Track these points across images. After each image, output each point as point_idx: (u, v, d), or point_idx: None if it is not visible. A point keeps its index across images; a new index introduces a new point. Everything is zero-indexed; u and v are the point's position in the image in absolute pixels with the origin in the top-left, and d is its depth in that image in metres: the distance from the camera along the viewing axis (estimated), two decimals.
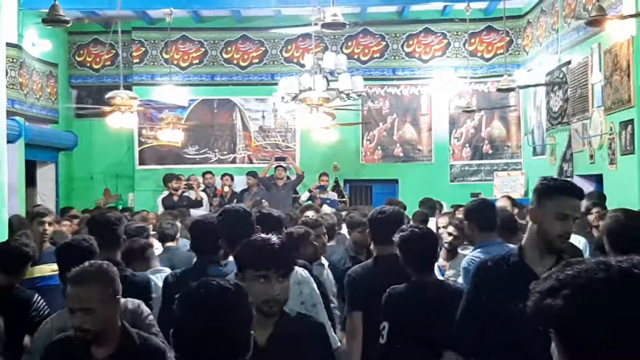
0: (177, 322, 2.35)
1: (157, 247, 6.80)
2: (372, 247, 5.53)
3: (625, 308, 1.33)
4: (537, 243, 3.43)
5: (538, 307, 1.42)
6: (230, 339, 2.31)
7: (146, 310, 4.06)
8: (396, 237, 4.49)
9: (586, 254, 6.14)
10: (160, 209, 13.81)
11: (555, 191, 3.43)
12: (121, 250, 5.09)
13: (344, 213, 9.56)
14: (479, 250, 5.15)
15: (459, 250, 6.63)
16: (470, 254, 5.33)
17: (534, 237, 3.46)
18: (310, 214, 8.31)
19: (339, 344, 4.50)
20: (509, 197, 9.47)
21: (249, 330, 2.36)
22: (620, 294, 1.35)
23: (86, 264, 3.35)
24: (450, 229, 6.61)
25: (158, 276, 5.36)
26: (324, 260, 6.11)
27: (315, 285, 4.46)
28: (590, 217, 7.79)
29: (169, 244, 7.19)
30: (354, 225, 6.81)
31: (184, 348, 2.34)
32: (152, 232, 7.41)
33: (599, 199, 9.14)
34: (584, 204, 8.38)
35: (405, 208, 7.94)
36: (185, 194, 14.37)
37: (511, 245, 4.97)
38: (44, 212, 6.35)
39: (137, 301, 4.07)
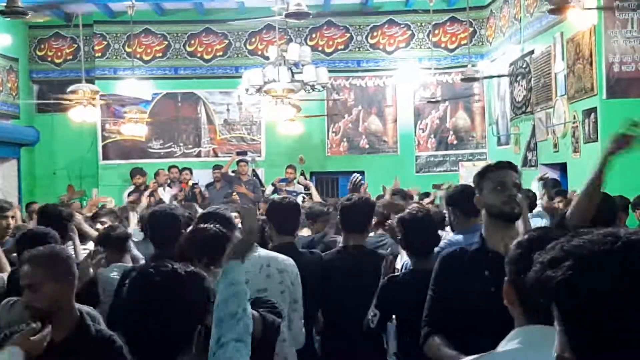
0: (124, 307, 2.37)
1: None
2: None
3: (627, 282, 1.27)
4: (493, 225, 3.50)
5: (539, 279, 1.36)
6: (174, 326, 2.28)
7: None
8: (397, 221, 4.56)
9: None
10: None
11: (485, 171, 3.60)
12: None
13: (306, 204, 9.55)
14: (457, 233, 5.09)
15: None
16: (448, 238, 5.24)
17: (488, 222, 3.54)
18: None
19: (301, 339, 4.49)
20: None
21: (194, 318, 2.34)
22: (623, 267, 1.28)
23: (40, 247, 3.47)
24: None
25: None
26: None
27: (299, 279, 4.41)
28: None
29: None
30: (316, 215, 6.78)
31: (129, 334, 2.34)
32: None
33: (554, 186, 9.36)
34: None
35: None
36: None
37: None
38: (6, 207, 6.23)
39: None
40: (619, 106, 9.77)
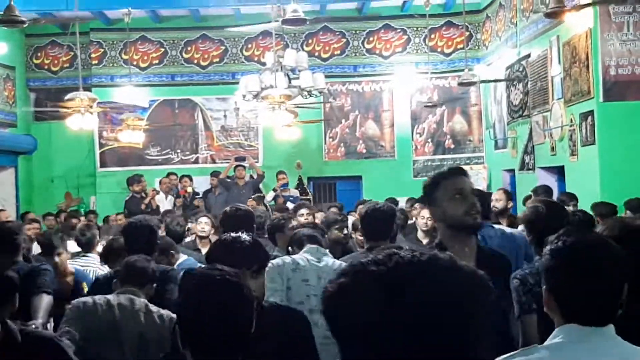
0: (184, 312, 2.42)
1: None
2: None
3: (375, 301, 1.23)
4: (453, 236, 3.28)
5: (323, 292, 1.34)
6: (237, 329, 2.37)
7: None
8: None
9: None
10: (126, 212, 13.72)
11: (439, 179, 3.38)
12: None
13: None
14: None
15: None
16: None
17: (448, 235, 3.31)
18: (304, 211, 8.18)
19: None
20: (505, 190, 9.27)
21: (252, 321, 2.43)
22: (373, 288, 1.24)
23: None
24: None
25: None
26: None
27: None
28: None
29: None
30: (331, 223, 6.75)
31: (193, 340, 2.37)
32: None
33: (546, 192, 9.33)
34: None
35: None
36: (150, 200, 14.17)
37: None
38: (56, 245, 6.37)
39: None
40: (616, 109, 9.81)
